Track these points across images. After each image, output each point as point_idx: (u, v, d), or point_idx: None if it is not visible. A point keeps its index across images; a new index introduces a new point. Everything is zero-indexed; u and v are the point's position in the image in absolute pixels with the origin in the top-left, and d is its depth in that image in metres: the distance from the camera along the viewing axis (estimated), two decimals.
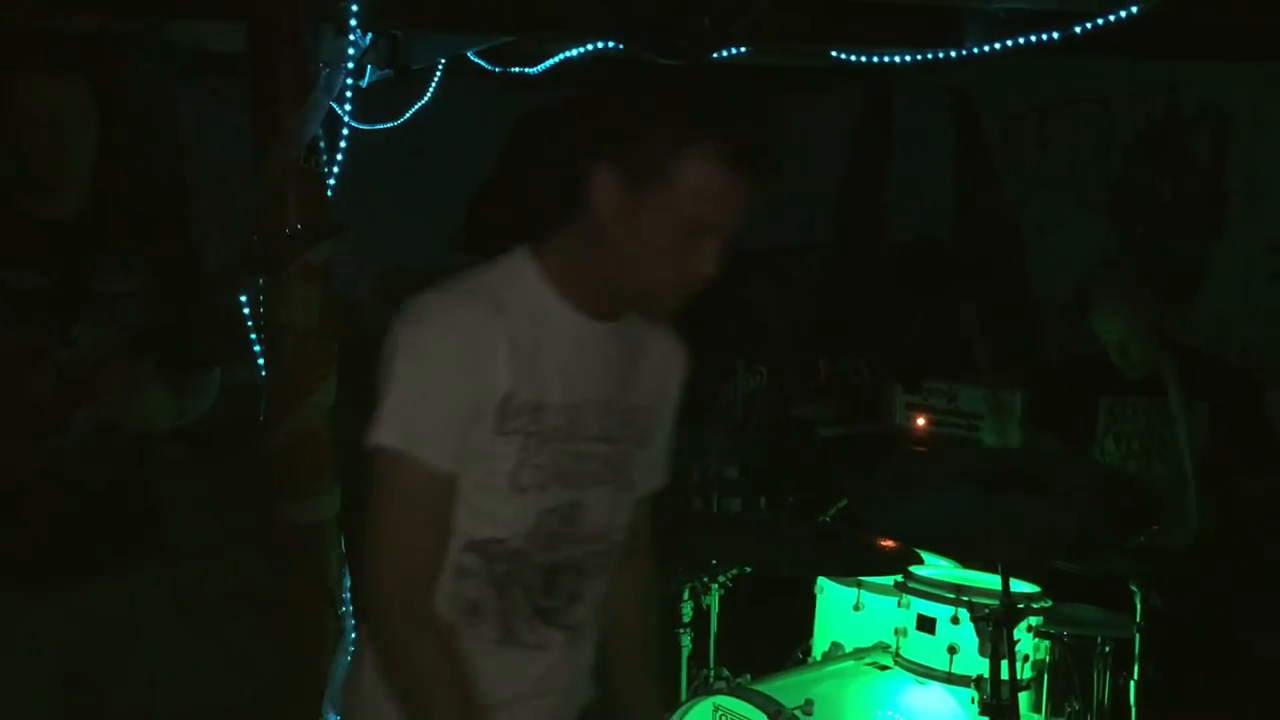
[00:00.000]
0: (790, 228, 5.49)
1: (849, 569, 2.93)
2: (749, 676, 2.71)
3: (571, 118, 1.56)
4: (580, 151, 1.53)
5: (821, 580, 3.00)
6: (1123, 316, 3.23)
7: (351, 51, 2.75)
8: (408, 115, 3.85)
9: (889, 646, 2.78)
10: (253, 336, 2.81)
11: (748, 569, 3.05)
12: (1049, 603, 2.71)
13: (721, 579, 2.99)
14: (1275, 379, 3.99)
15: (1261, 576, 2.92)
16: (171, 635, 2.52)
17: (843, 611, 2.95)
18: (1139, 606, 2.58)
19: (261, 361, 2.82)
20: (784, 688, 2.64)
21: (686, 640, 2.95)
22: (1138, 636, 2.59)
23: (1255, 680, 3.00)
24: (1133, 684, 2.58)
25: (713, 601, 2.99)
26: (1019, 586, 2.65)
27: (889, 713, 2.65)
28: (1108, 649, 2.67)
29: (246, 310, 2.81)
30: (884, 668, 2.76)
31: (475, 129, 5.05)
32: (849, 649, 2.88)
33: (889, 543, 2.91)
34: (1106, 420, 3.28)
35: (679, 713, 2.67)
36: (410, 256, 5.06)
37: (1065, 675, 2.68)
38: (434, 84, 3.87)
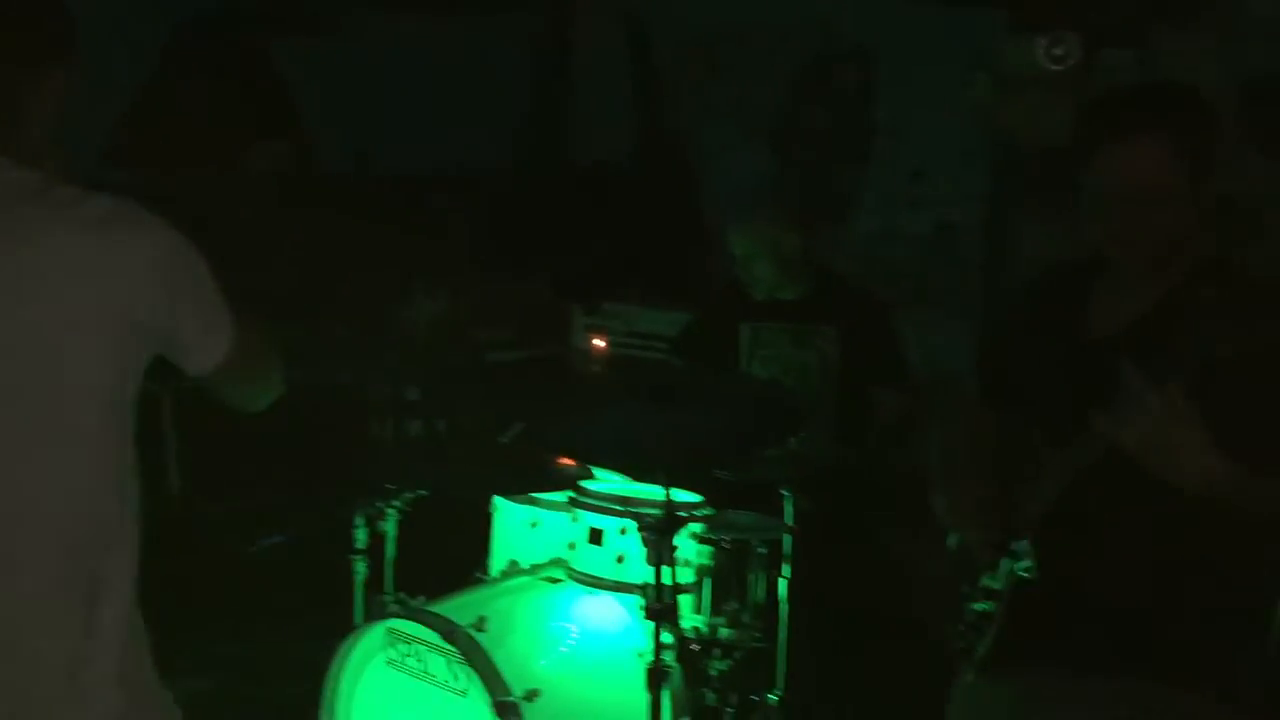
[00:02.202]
0: (471, 150, 5.44)
1: (525, 488, 2.98)
2: (424, 599, 2.72)
3: None
4: None
5: (498, 500, 3.03)
6: (749, 235, 3.43)
7: None
8: None
9: (562, 560, 2.85)
10: None
11: (424, 493, 3.04)
12: (710, 511, 2.86)
13: (397, 504, 2.97)
14: (915, 299, 4.36)
15: (895, 481, 3.19)
16: None
17: (520, 530, 2.99)
18: (789, 510, 2.77)
19: None
20: (458, 607, 2.66)
21: (361, 567, 2.91)
22: (788, 538, 2.78)
23: (889, 574, 3.29)
24: (783, 581, 2.77)
25: (389, 527, 2.97)
26: (682, 496, 2.78)
27: (561, 623, 2.73)
28: (762, 551, 2.84)
29: None
30: (557, 581, 2.84)
31: (124, 35, 4.67)
32: (525, 566, 2.93)
33: (566, 461, 2.98)
34: (750, 344, 3.47)
35: (350, 640, 2.64)
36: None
37: (724, 578, 2.84)
38: None
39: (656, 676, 2.38)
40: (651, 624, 2.46)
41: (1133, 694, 1.96)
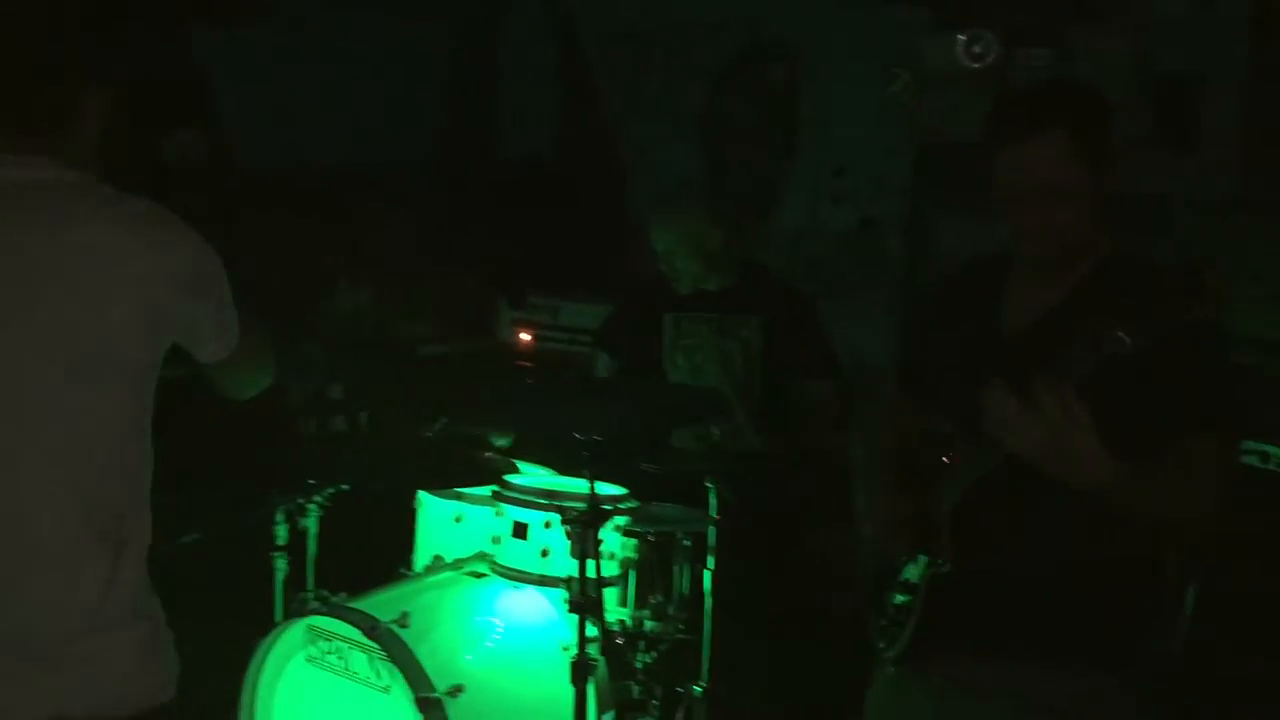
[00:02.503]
0: (396, 144, 5.39)
1: (448, 482, 2.95)
2: (345, 596, 2.69)
3: None
4: None
5: (422, 495, 3.01)
6: (670, 230, 3.43)
7: None
8: None
9: (487, 555, 2.84)
10: None
11: (345, 488, 3.00)
12: (635, 503, 2.87)
13: (319, 499, 2.94)
14: (836, 292, 4.41)
15: (818, 474, 3.22)
16: None
17: (444, 525, 2.98)
18: (713, 502, 2.78)
19: None
20: (380, 603, 2.64)
21: (281, 564, 2.86)
22: (712, 529, 2.79)
23: (813, 566, 3.32)
24: (707, 573, 2.78)
25: (310, 523, 2.93)
26: (606, 489, 2.78)
27: (485, 618, 2.72)
28: (687, 543, 2.85)
29: None
30: (481, 575, 2.83)
31: None
32: (449, 560, 2.92)
33: (490, 455, 2.97)
34: (672, 336, 3.47)
35: (270, 637, 2.60)
36: None
37: (649, 570, 2.85)
38: None
39: (581, 670, 2.39)
40: (576, 617, 2.46)
41: (1047, 681, 2.00)
